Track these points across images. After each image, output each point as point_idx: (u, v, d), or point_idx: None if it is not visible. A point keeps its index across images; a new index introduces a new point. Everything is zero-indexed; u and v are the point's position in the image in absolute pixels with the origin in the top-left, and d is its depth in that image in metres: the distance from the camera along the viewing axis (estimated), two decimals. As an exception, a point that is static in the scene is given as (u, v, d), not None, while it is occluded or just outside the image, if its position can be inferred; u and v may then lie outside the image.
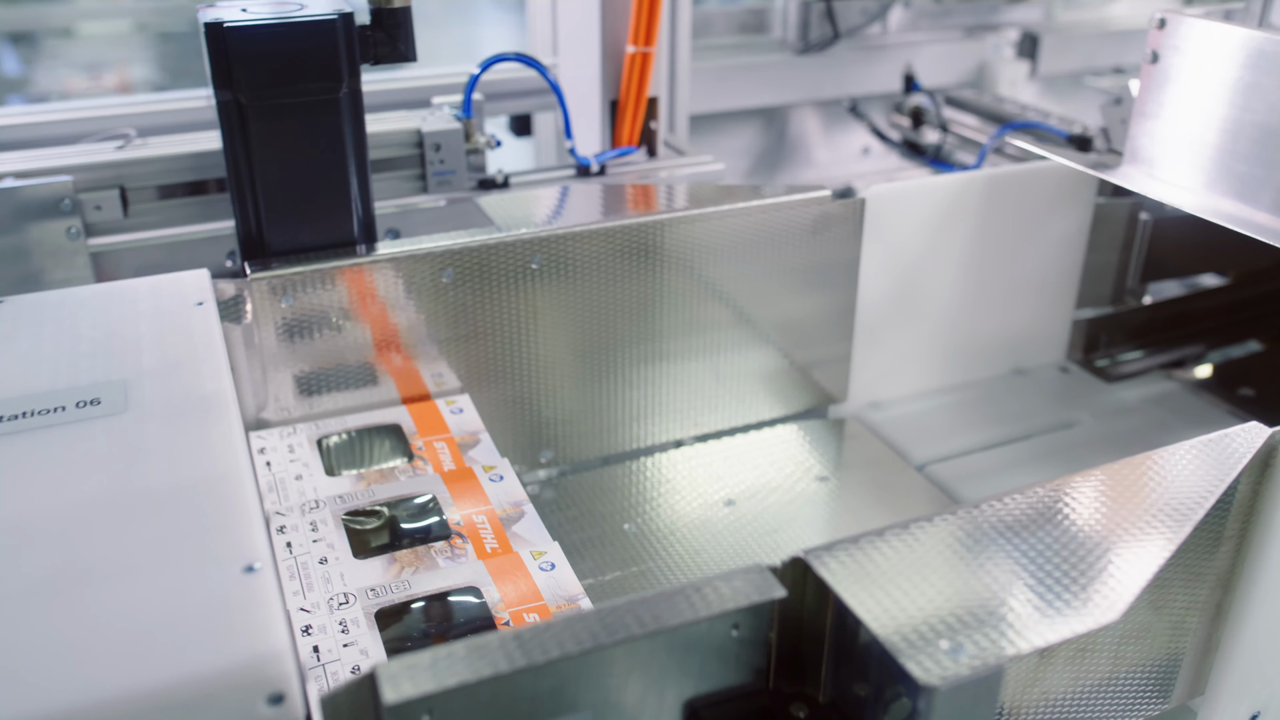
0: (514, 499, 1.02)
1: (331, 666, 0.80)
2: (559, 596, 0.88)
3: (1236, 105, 1.16)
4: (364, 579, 0.89)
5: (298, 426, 1.13)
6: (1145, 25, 2.70)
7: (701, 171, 1.65)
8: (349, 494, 1.01)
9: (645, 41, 1.56)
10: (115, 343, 0.91)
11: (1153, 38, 1.26)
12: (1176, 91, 1.23)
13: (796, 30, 2.34)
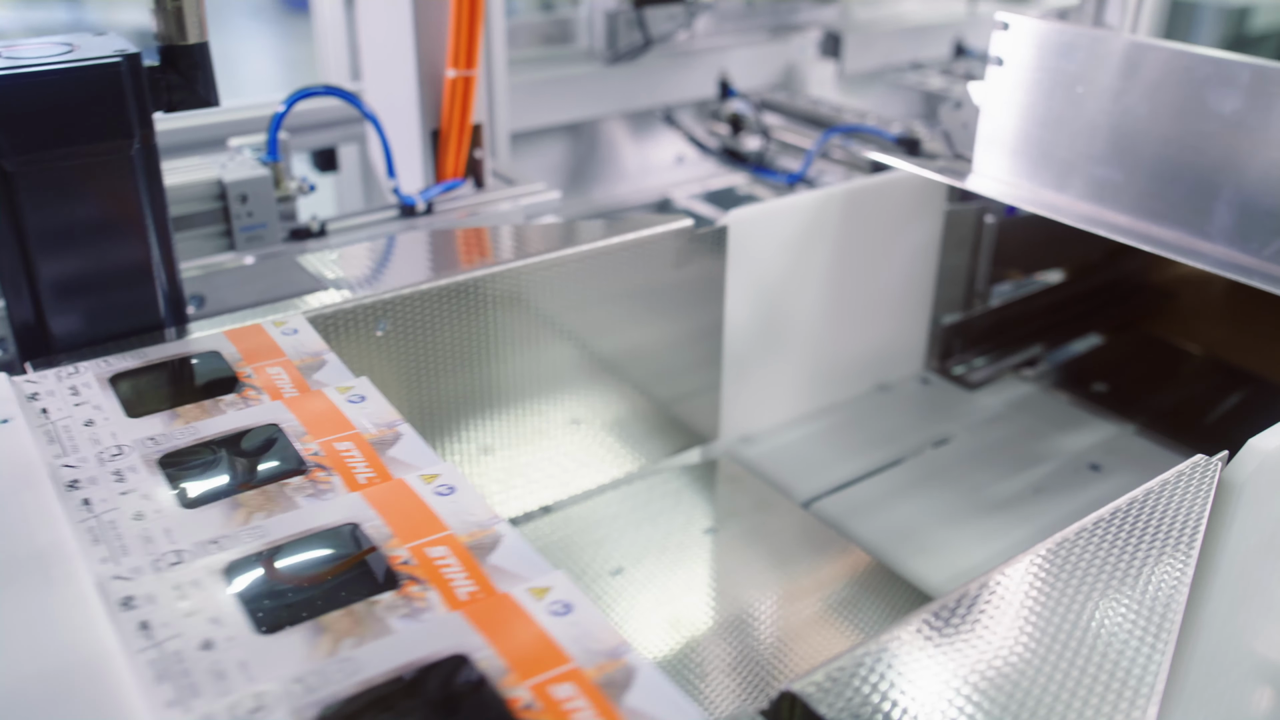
0: (385, 420, 0.81)
1: (172, 644, 0.59)
2: (469, 524, 0.69)
3: (1082, 105, 1.13)
4: (199, 533, 0.68)
5: (80, 365, 0.88)
6: (939, 21, 2.75)
7: (537, 201, 1.53)
8: (162, 435, 0.79)
9: (466, 64, 1.42)
10: None
11: (996, 41, 1.23)
12: (1022, 94, 1.21)
13: (604, 39, 2.23)
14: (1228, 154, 1.02)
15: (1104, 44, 1.10)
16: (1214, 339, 1.67)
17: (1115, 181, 1.13)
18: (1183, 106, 1.05)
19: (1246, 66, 1.00)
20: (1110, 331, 1.73)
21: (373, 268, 1.16)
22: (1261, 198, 1.01)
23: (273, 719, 0.53)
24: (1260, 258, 1.02)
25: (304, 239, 1.34)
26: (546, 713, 0.54)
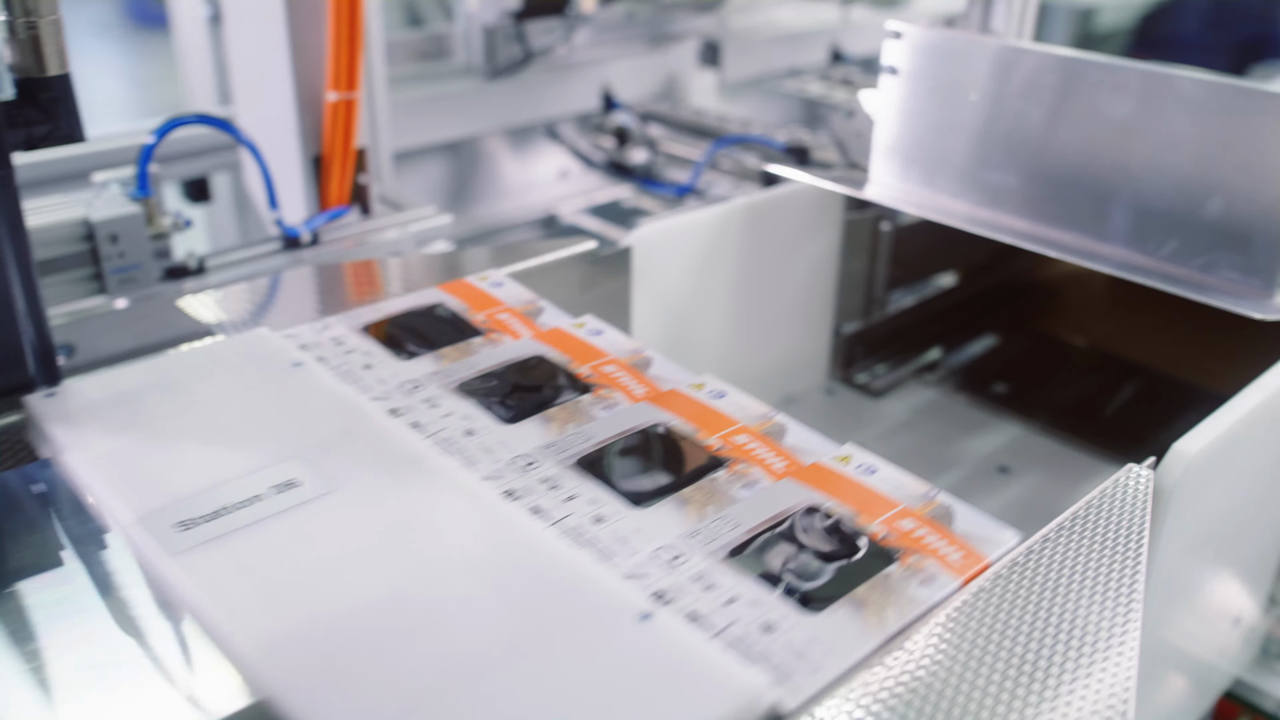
0: (630, 347, 0.90)
1: (568, 522, 0.68)
2: (753, 417, 0.80)
3: (976, 113, 1.14)
4: (529, 442, 0.76)
5: (329, 320, 0.94)
6: (814, 27, 2.77)
7: (427, 227, 1.47)
8: (440, 371, 0.85)
9: (347, 86, 1.36)
10: (251, 419, 0.77)
11: (889, 51, 1.23)
12: (915, 102, 1.21)
13: (482, 55, 2.18)
14: (1120, 158, 1.04)
15: (995, 51, 1.11)
16: (1100, 333, 1.72)
17: (1012, 187, 1.13)
18: (1075, 112, 1.07)
19: (1136, 71, 1.01)
20: (1004, 331, 1.75)
21: (259, 308, 1.09)
22: (1154, 200, 1.02)
23: (691, 562, 0.63)
24: (1157, 258, 1.04)
25: (181, 278, 1.26)
26: (902, 541, 0.65)
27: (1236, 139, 0.95)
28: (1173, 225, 1.01)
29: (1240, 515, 0.91)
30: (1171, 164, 1.00)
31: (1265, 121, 0.93)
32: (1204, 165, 0.98)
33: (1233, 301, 0.94)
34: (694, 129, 2.25)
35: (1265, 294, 0.95)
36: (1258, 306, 0.93)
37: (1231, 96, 0.95)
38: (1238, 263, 0.97)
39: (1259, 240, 0.95)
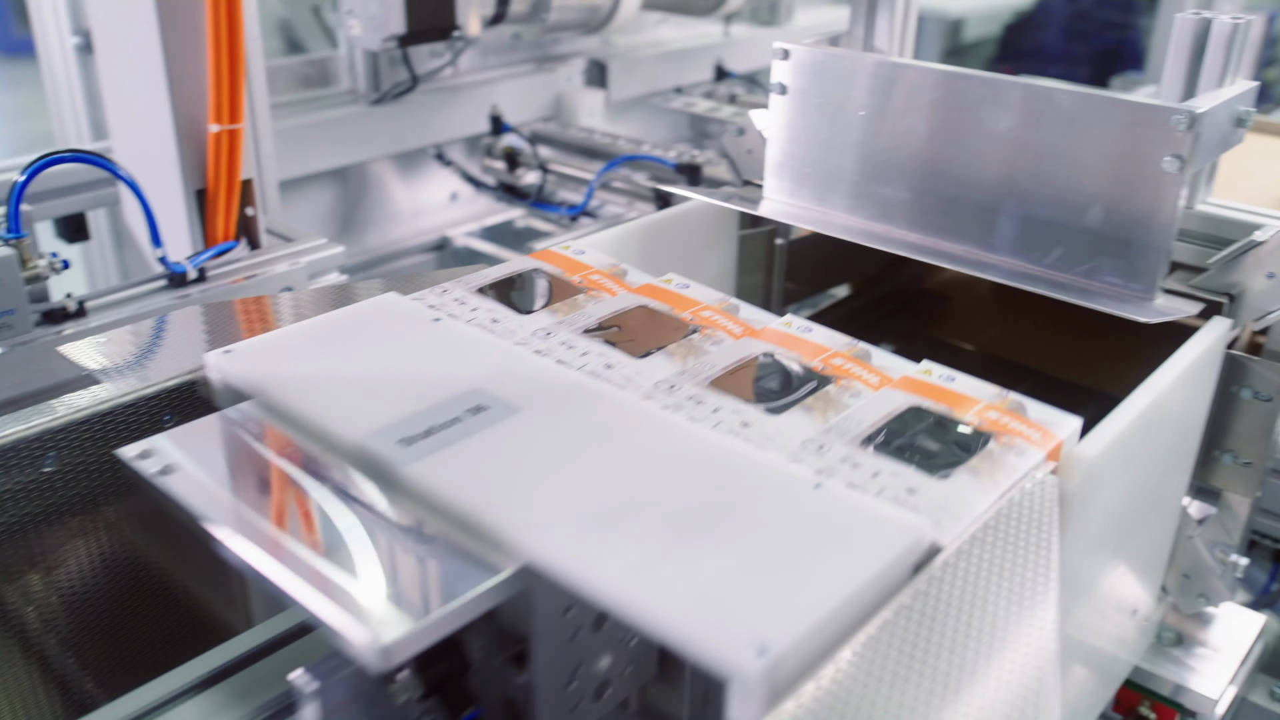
0: (717, 296, 0.99)
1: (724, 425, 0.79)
2: (840, 344, 0.90)
3: (865, 129, 1.17)
4: (664, 370, 0.86)
5: (445, 285, 1.01)
6: (697, 45, 2.81)
7: (319, 258, 1.44)
8: (561, 322, 0.93)
9: (230, 118, 1.32)
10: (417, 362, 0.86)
11: (777, 70, 1.24)
12: (806, 119, 1.23)
13: (367, 80, 2.15)
14: (1004, 170, 1.07)
15: (879, 68, 1.13)
16: (990, 338, 1.77)
17: (901, 200, 1.16)
18: (959, 126, 1.09)
19: (1016, 86, 1.04)
20: (898, 339, 1.79)
21: (146, 351, 1.05)
22: (1038, 209, 1.05)
23: (834, 450, 0.75)
24: (1043, 266, 1.07)
25: (60, 322, 1.21)
26: (993, 426, 0.78)
27: (1112, 149, 0.99)
28: (1057, 234, 1.04)
29: (1135, 511, 0.94)
30: (1053, 174, 1.03)
31: (1137, 131, 0.97)
32: (1083, 175, 1.01)
33: (1117, 306, 0.97)
34: (584, 149, 2.25)
35: (1146, 297, 0.99)
36: (1141, 310, 0.97)
37: (1106, 108, 0.98)
38: (1119, 268, 1.00)
39: (1137, 246, 0.99)
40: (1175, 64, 1.06)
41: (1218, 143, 1.00)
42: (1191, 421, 1.01)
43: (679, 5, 2.48)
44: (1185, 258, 1.05)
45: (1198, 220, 1.06)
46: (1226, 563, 1.08)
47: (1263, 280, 0.99)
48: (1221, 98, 0.98)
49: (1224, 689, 1.07)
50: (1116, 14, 5.13)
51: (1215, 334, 0.97)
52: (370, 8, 1.77)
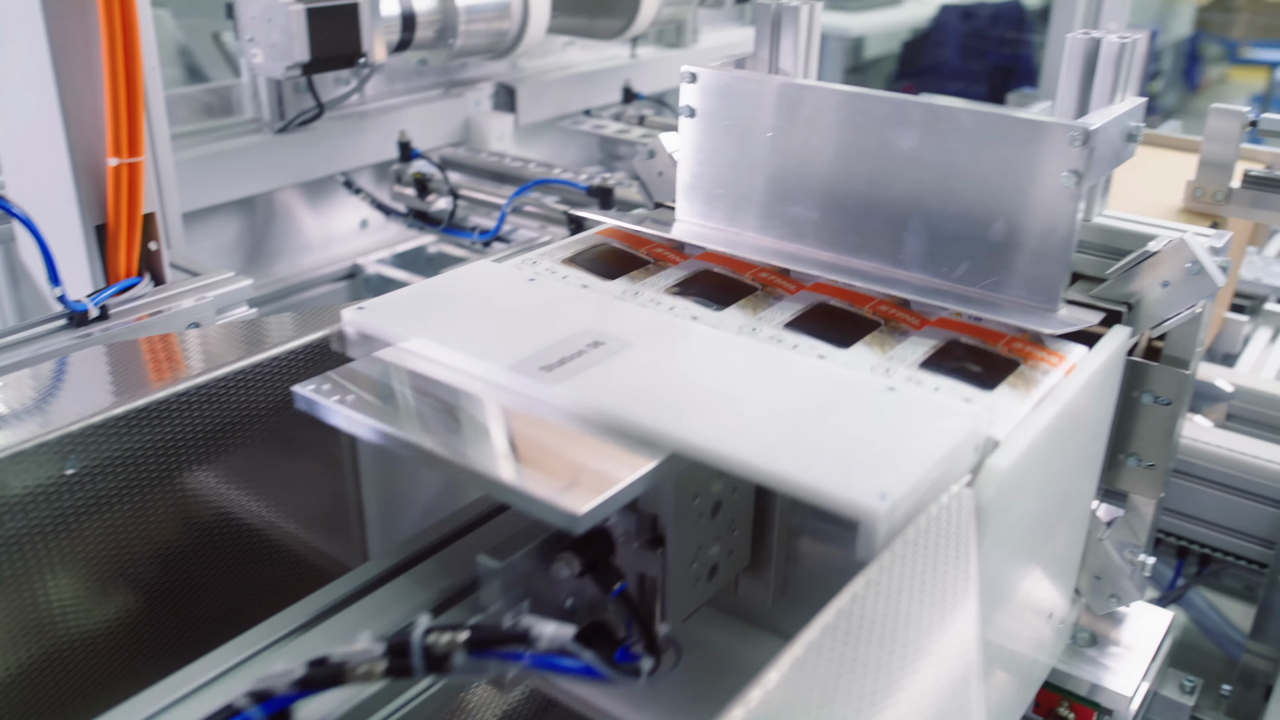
0: (770, 260, 1.12)
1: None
2: (879, 293, 1.06)
3: (773, 150, 1.18)
4: (740, 320, 1.00)
5: (532, 254, 1.14)
6: (605, 67, 2.82)
7: (227, 292, 1.41)
8: (644, 284, 1.08)
9: (130, 151, 1.29)
10: (527, 312, 0.98)
11: (686, 93, 1.25)
12: (714, 142, 1.23)
13: (271, 108, 2.12)
14: (910, 187, 1.08)
15: (785, 90, 1.15)
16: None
17: (811, 219, 1.17)
18: (864, 145, 1.10)
19: (919, 106, 1.06)
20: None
21: (46, 395, 1.02)
22: (944, 225, 1.07)
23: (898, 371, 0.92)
24: (951, 280, 1.09)
25: (-47, 365, 1.16)
26: (1020, 353, 0.95)
27: (1011, 165, 1.01)
28: (962, 249, 1.06)
29: (1048, 518, 0.97)
30: (956, 191, 1.05)
31: (1034, 148, 0.99)
32: (985, 191, 1.03)
33: (1022, 317, 1.00)
34: (495, 173, 2.24)
35: (1050, 308, 1.02)
36: (1045, 321, 0.99)
37: (1004, 126, 1.00)
38: (1023, 280, 1.03)
39: (1039, 259, 1.01)
40: (1068, 82, 1.09)
41: (1111, 157, 1.04)
42: (1098, 427, 1.04)
43: (585, 29, 2.49)
44: (1086, 269, 1.08)
45: (1096, 232, 1.10)
46: (1135, 563, 1.12)
47: (1158, 289, 1.02)
48: (1113, 114, 1.01)
49: (1137, 685, 1.10)
50: (1010, 31, 5.29)
51: (1116, 342, 1.00)
52: (272, 35, 1.74)
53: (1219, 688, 1.44)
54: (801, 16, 1.24)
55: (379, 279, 2.33)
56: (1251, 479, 1.40)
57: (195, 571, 1.07)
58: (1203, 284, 1.00)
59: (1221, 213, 1.40)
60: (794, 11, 1.24)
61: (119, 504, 0.98)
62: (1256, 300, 2.02)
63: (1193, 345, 1.06)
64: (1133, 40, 1.05)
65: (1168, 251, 1.01)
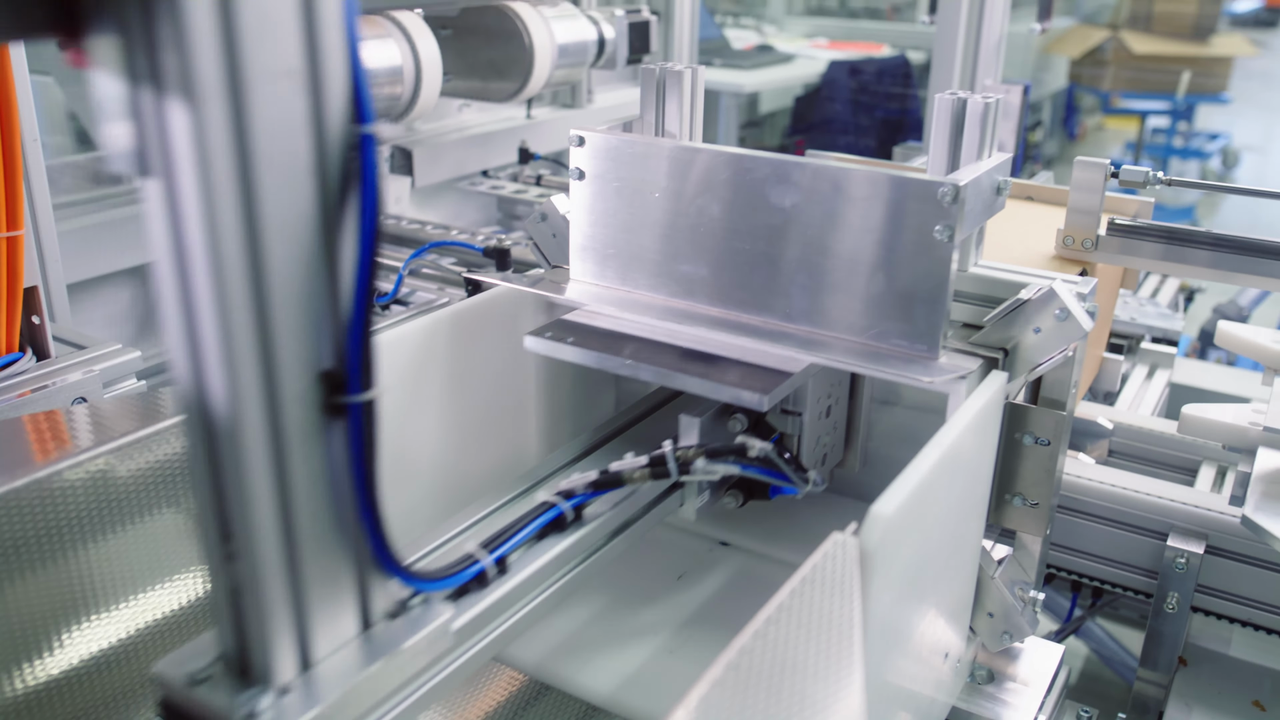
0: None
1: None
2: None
3: (662, 210, 1.20)
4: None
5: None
6: (501, 128, 2.84)
7: (114, 365, 1.38)
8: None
9: (9, 225, 1.26)
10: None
11: (575, 155, 1.27)
12: (604, 203, 1.26)
13: (160, 176, 2.08)
14: (795, 244, 1.12)
15: (671, 152, 1.17)
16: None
17: (703, 277, 1.20)
18: (750, 204, 1.14)
19: (799, 165, 1.10)
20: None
21: (-76, 475, 0.98)
22: (828, 280, 1.10)
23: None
24: (837, 332, 1.12)
25: None
26: None
27: (888, 221, 1.05)
28: (846, 302, 1.10)
29: (938, 559, 1.00)
30: (838, 247, 1.09)
31: (909, 204, 1.03)
32: (865, 246, 1.07)
33: (903, 369, 1.04)
34: (392, 236, 2.24)
35: (931, 356, 1.06)
36: (926, 370, 1.03)
37: (880, 184, 1.05)
38: (905, 331, 1.07)
39: (919, 310, 1.06)
40: (938, 140, 1.14)
41: (981, 210, 1.09)
42: (981, 470, 1.08)
43: (479, 92, 2.52)
44: (965, 317, 1.14)
45: (972, 282, 1.15)
46: (1026, 599, 1.15)
47: (1031, 335, 1.07)
48: (981, 169, 1.07)
49: (1034, 718, 1.14)
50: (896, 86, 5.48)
51: (994, 386, 1.04)
52: (160, 104, 1.72)
53: (1115, 716, 1.49)
54: (685, 80, 1.27)
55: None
56: (1133, 512, 1.46)
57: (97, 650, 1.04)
58: (1071, 329, 1.05)
59: (1090, 259, 1.46)
60: (677, 75, 1.27)
61: (7, 585, 0.95)
62: (1133, 339, 2.11)
63: (1067, 387, 1.11)
64: (996, 100, 1.10)
65: (1038, 300, 1.06)
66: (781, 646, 0.66)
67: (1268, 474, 1.33)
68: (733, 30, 6.41)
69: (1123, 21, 7.57)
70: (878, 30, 6.68)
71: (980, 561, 1.13)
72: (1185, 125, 7.59)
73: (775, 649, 0.66)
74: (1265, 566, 1.39)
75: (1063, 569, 1.55)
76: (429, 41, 2.18)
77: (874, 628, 0.84)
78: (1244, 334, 1.66)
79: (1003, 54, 2.76)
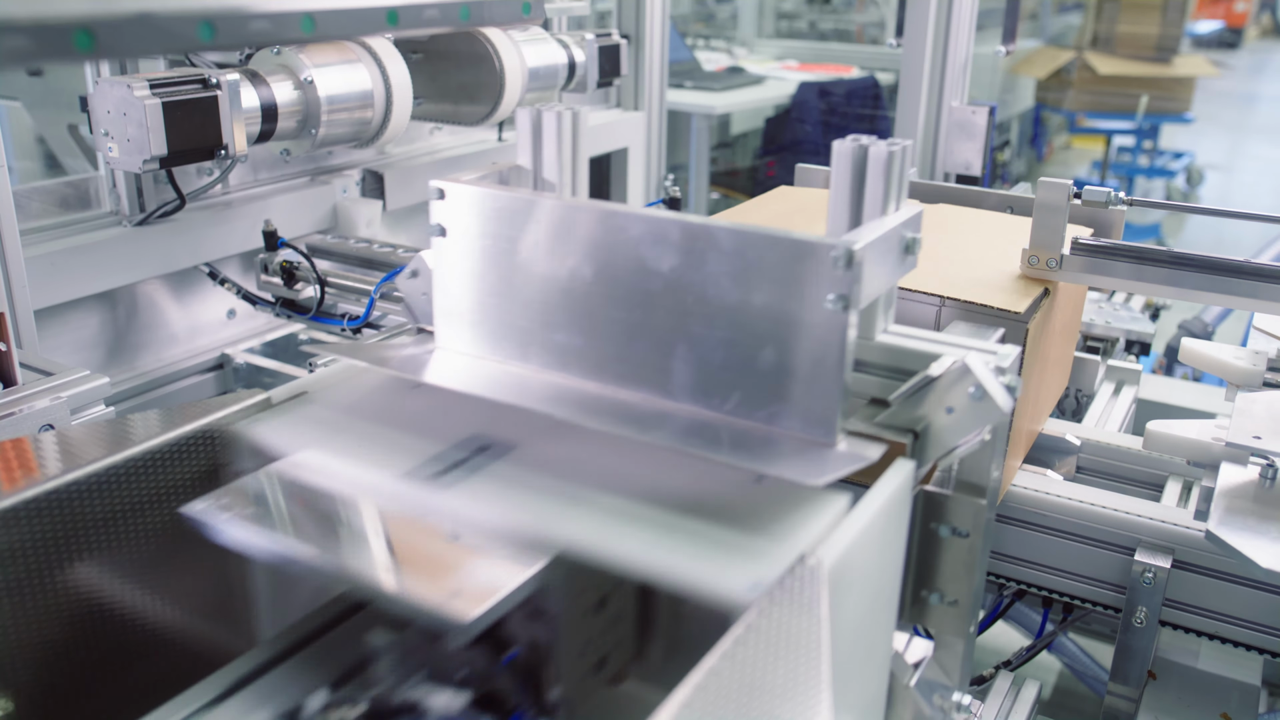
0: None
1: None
2: None
3: (532, 271, 1.06)
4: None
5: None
6: (472, 150, 2.85)
7: (82, 391, 1.37)
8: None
9: (-24, 252, 1.26)
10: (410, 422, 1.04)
11: (435, 210, 1.11)
12: (471, 263, 1.10)
13: (130, 201, 2.08)
14: (674, 312, 0.98)
15: (541, 208, 1.03)
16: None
17: (576, 346, 1.05)
18: (624, 266, 1.00)
19: (675, 224, 0.96)
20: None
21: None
22: (712, 353, 0.97)
23: None
24: (724, 413, 0.97)
25: None
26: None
27: (775, 288, 0.92)
28: (733, 379, 0.96)
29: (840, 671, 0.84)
30: (721, 316, 0.95)
31: (797, 269, 0.90)
32: (751, 316, 0.94)
33: (788, 463, 0.90)
34: (363, 260, 2.24)
35: (828, 442, 0.92)
36: (816, 464, 0.89)
37: (764, 246, 0.91)
38: (798, 413, 0.93)
39: (814, 390, 0.92)
40: (838, 194, 1.01)
41: (886, 273, 0.97)
42: (889, 568, 0.95)
43: (450, 115, 2.53)
44: (875, 391, 1.01)
45: (879, 352, 1.01)
46: (947, 707, 1.05)
47: (943, 415, 0.94)
48: (884, 227, 0.95)
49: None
50: (866, 107, 5.53)
51: (898, 480, 0.91)
52: (128, 129, 1.72)
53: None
54: (564, 123, 1.14)
55: (249, 368, 2.29)
56: (1101, 527, 1.48)
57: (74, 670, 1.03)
58: (988, 410, 0.92)
59: (1054, 279, 1.49)
60: (553, 118, 1.14)
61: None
62: (1108, 342, 2.14)
63: (988, 472, 0.99)
64: (902, 149, 0.98)
65: (950, 376, 0.94)
66: (750, 667, 0.67)
67: (1231, 489, 1.35)
68: (703, 52, 6.47)
69: (1087, 43, 7.69)
70: (846, 52, 6.76)
71: (893, 668, 1.00)
72: (1150, 144, 7.71)
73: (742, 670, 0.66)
74: (1231, 580, 1.41)
75: (1033, 585, 1.56)
76: (399, 66, 2.18)
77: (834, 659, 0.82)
78: (1207, 350, 1.69)
79: (969, 75, 2.80)
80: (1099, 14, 7.63)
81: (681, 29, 6.68)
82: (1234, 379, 1.63)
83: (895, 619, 0.99)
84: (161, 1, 1.05)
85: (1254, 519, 1.28)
